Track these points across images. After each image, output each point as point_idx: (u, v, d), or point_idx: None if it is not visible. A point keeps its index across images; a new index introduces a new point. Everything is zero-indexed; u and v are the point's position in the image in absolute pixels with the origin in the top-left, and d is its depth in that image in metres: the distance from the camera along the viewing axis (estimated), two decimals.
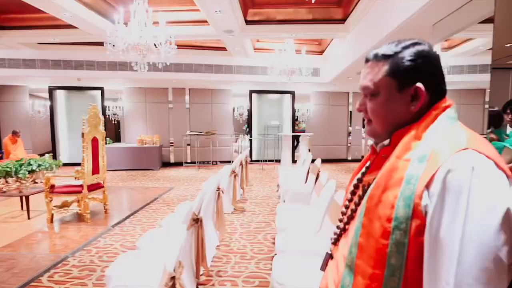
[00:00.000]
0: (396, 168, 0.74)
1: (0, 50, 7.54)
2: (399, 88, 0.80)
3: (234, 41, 6.89)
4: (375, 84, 0.82)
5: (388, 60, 0.81)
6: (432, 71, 0.79)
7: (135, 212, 5.18)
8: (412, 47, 0.80)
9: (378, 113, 0.84)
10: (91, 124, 4.64)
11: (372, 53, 0.85)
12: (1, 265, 3.27)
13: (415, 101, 0.79)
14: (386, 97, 0.81)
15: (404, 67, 0.78)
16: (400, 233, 0.69)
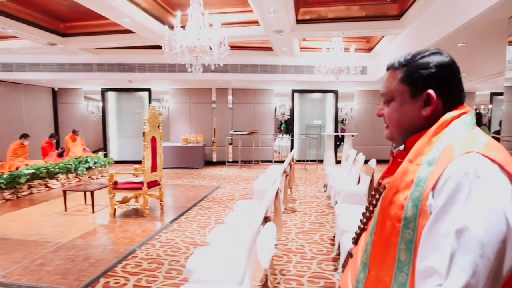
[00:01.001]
0: (408, 171, 0.79)
1: (62, 55, 8.11)
2: (412, 95, 0.85)
3: (282, 41, 6.89)
4: (391, 91, 0.89)
5: (403, 68, 0.86)
6: (447, 79, 0.83)
7: (188, 209, 5.34)
8: (428, 57, 0.84)
9: (393, 118, 0.89)
10: (151, 124, 4.84)
11: (391, 62, 0.91)
12: (78, 254, 3.51)
13: (427, 107, 0.83)
14: (400, 103, 0.87)
15: (417, 74, 0.83)
16: (409, 231, 0.74)
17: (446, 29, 4.14)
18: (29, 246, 3.74)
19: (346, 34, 6.34)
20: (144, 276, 3.03)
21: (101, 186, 5.31)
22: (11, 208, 5.44)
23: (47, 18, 6.33)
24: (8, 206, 5.57)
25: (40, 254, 3.51)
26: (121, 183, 4.87)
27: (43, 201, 5.89)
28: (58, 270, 3.15)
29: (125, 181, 4.93)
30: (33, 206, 5.55)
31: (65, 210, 5.16)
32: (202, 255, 2.43)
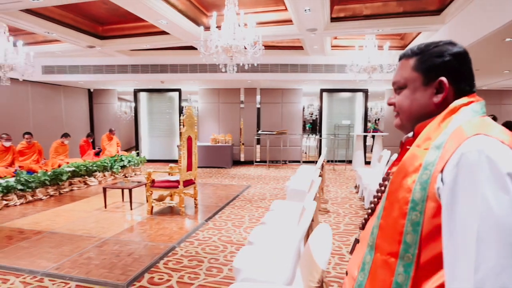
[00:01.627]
0: (416, 156, 0.80)
1: (99, 58, 8.44)
2: (425, 82, 0.87)
3: (314, 40, 6.82)
4: (403, 78, 0.91)
5: (417, 56, 0.88)
6: (460, 68, 0.85)
7: (222, 208, 5.40)
8: (442, 46, 0.86)
9: (404, 105, 0.91)
10: (187, 124, 4.94)
11: (404, 51, 0.93)
12: (121, 250, 3.63)
13: (439, 94, 0.85)
14: (412, 90, 0.89)
15: (431, 62, 0.86)
16: (416, 213, 0.75)
17: (493, 24, 3.94)
18: (75, 241, 3.91)
19: (382, 32, 6.18)
20: (186, 273, 3.09)
21: (139, 184, 5.47)
22: (55, 204, 5.71)
23: (88, 22, 6.59)
24: (52, 202, 5.86)
25: (87, 249, 3.66)
26: (158, 182, 4.99)
27: (83, 198, 6.15)
28: (105, 264, 3.27)
29: (161, 180, 5.05)
30: (74, 202, 5.80)
31: (104, 207, 5.36)
32: (248, 254, 2.45)
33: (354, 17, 5.84)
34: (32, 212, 5.17)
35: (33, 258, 3.43)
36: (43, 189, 6.07)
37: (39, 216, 4.97)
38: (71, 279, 2.97)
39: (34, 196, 5.92)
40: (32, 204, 5.73)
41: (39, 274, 3.07)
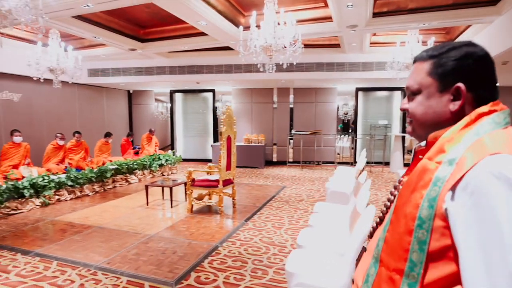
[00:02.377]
0: (427, 170, 0.74)
1: (138, 60, 8.76)
2: (440, 88, 0.80)
3: (353, 37, 6.65)
4: (417, 83, 0.84)
5: (432, 60, 0.81)
6: (479, 73, 0.77)
7: (260, 208, 5.40)
8: (459, 48, 0.79)
9: (417, 112, 0.84)
10: (227, 123, 4.98)
11: (419, 54, 0.86)
12: (166, 247, 3.73)
13: (456, 101, 0.78)
14: (426, 96, 0.82)
15: (447, 66, 0.79)
16: (422, 232, 0.71)
17: None
18: (123, 236, 4.07)
19: (428, 26, 5.89)
20: (231, 274, 3.11)
21: (179, 183, 5.60)
22: (100, 200, 5.99)
23: (130, 26, 6.85)
24: (97, 198, 6.15)
25: (134, 245, 3.80)
26: (198, 181, 5.08)
27: (126, 195, 6.40)
28: (152, 261, 3.37)
29: (201, 179, 5.13)
30: (118, 199, 6.04)
31: (146, 204, 5.54)
32: (299, 258, 2.41)
33: (398, 11, 5.62)
34: (80, 207, 5.45)
35: (86, 251, 3.60)
36: (89, 185, 6.39)
37: (87, 211, 5.23)
38: (122, 274, 3.09)
39: (82, 192, 6.24)
40: (80, 199, 6.05)
41: (92, 267, 3.22)
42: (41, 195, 5.47)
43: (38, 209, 5.37)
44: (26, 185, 5.25)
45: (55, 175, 5.89)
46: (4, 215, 4.93)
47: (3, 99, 7.32)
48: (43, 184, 5.50)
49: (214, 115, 11.17)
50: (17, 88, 7.60)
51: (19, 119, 7.60)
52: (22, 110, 7.71)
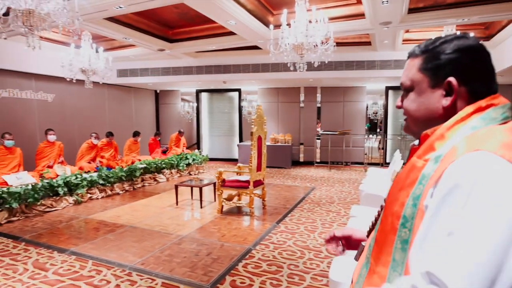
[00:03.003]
0: (414, 168, 0.74)
1: (166, 60, 8.84)
2: (432, 83, 0.78)
3: (386, 34, 6.38)
4: (409, 80, 0.82)
5: (423, 55, 0.79)
6: (472, 66, 0.74)
7: (290, 210, 5.27)
8: (450, 41, 0.76)
9: (410, 109, 0.82)
10: (258, 123, 4.88)
11: (412, 49, 0.84)
12: (199, 249, 3.68)
13: (448, 97, 0.75)
14: (418, 93, 0.80)
15: (437, 61, 0.76)
16: (405, 231, 0.70)
17: None
18: (155, 236, 4.06)
19: (467, 21, 5.55)
20: (267, 279, 3.01)
21: (208, 183, 5.57)
22: (130, 199, 6.06)
23: (159, 26, 6.90)
24: (127, 196, 6.23)
25: (167, 245, 3.77)
26: (228, 181, 5.02)
27: (155, 194, 6.44)
28: (186, 263, 3.33)
29: (231, 179, 5.07)
30: (147, 198, 6.09)
31: (176, 204, 5.54)
32: (343, 265, 2.27)
33: (435, 6, 5.33)
34: (112, 206, 5.53)
35: (120, 251, 3.61)
36: (120, 184, 6.49)
37: (119, 210, 5.29)
38: (156, 276, 3.05)
39: (113, 191, 6.34)
40: (111, 198, 6.15)
41: (127, 268, 3.21)
42: (74, 193, 5.60)
43: (72, 207, 5.49)
44: (61, 183, 5.38)
45: (87, 174, 6.02)
46: (40, 212, 5.06)
47: (38, 99, 7.58)
48: (76, 183, 5.62)
49: (240, 115, 11.12)
50: (51, 89, 7.85)
51: (53, 118, 7.85)
52: (55, 110, 7.96)
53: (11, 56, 6.81)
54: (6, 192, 4.63)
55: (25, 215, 4.87)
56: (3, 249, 3.69)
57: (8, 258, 3.44)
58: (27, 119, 7.35)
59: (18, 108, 7.15)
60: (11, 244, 3.83)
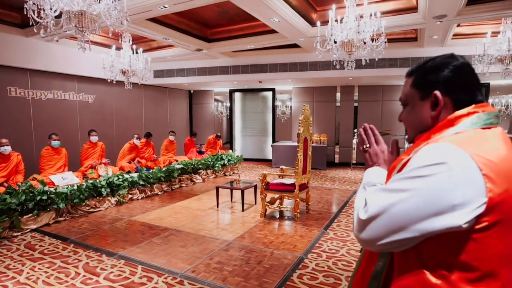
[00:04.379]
0: (395, 166, 0.89)
1: (201, 60, 8.79)
2: (421, 97, 0.92)
3: (437, 28, 5.95)
4: (404, 95, 0.97)
5: (415, 74, 0.95)
6: (455, 80, 0.87)
7: (336, 215, 5.01)
8: (435, 61, 0.91)
9: (407, 120, 0.98)
10: (305, 125, 4.67)
11: (408, 70, 0.98)
12: (249, 256, 3.51)
13: (435, 107, 0.89)
14: (412, 106, 0.95)
15: (425, 77, 0.91)
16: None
17: None
18: (201, 241, 3.95)
19: None
20: None
21: (250, 185, 5.41)
22: (170, 200, 6.02)
23: (198, 26, 6.83)
24: (166, 198, 6.20)
25: (214, 252, 3.64)
26: (272, 184, 4.83)
27: (193, 195, 6.37)
28: (238, 272, 3.17)
29: (275, 182, 4.88)
30: (187, 200, 6.02)
31: (217, 206, 5.43)
32: None
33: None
34: (153, 207, 5.50)
35: (169, 256, 3.51)
36: (158, 185, 6.48)
37: (161, 212, 5.25)
38: (209, 286, 2.91)
39: (152, 191, 6.34)
40: (150, 199, 6.14)
41: (178, 275, 3.10)
42: (116, 194, 5.62)
43: (114, 207, 5.52)
44: (104, 184, 5.41)
45: (128, 174, 6.04)
46: (85, 213, 5.11)
47: (80, 101, 7.75)
48: (118, 183, 5.64)
49: (274, 115, 10.92)
50: (91, 90, 8.01)
51: (93, 119, 8.01)
52: (95, 111, 8.12)
53: (56, 59, 6.99)
54: (54, 193, 4.69)
55: (71, 216, 4.92)
56: (53, 251, 3.70)
57: (59, 261, 3.43)
58: (69, 120, 7.54)
59: (61, 109, 7.34)
60: (60, 246, 3.85)
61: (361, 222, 0.81)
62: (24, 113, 6.67)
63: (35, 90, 6.83)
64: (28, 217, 4.39)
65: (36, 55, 6.62)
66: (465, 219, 0.70)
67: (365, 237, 0.80)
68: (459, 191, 0.71)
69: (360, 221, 0.81)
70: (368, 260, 0.95)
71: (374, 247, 0.80)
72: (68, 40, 7.02)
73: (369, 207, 0.80)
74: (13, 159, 5.00)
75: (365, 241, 0.81)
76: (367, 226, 0.79)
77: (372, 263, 0.93)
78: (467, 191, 0.70)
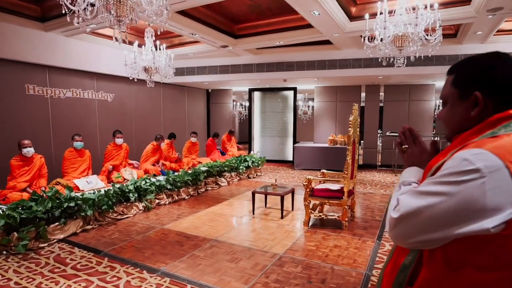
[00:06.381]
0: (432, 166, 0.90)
1: (222, 58, 8.40)
2: (461, 96, 0.91)
3: (485, 23, 5.55)
4: (445, 94, 0.98)
5: (455, 72, 0.94)
6: (497, 81, 0.85)
7: (383, 223, 4.62)
8: (479, 59, 0.89)
9: (445, 119, 0.98)
10: (354, 126, 4.28)
11: (449, 68, 0.99)
12: (309, 273, 3.13)
13: (475, 107, 0.88)
14: (451, 105, 0.95)
15: (465, 77, 0.90)
16: None
17: None
18: (249, 254, 3.57)
19: None
20: None
21: (288, 190, 5.03)
22: (198, 205, 5.64)
23: (226, 21, 6.46)
24: (194, 202, 5.82)
25: (268, 267, 3.26)
26: (317, 190, 4.46)
27: (222, 199, 6.00)
28: None
29: (321, 188, 4.50)
30: (218, 205, 5.64)
31: (252, 213, 5.06)
32: None
33: None
34: (183, 214, 5.12)
35: (218, 273, 3.14)
36: (185, 188, 6.11)
37: (193, 219, 4.87)
38: None
39: (179, 196, 5.98)
40: (177, 204, 5.77)
41: None
42: (143, 199, 5.26)
43: (142, 213, 5.16)
44: (131, 188, 5.05)
45: (154, 178, 5.68)
46: (113, 220, 4.75)
47: (99, 99, 7.40)
48: (145, 188, 5.28)
49: (295, 114, 10.52)
50: (110, 88, 7.66)
51: (112, 118, 7.66)
52: (114, 110, 7.77)
53: (75, 55, 6.64)
54: (81, 199, 4.33)
55: (98, 223, 4.56)
56: (87, 266, 3.34)
57: (96, 278, 3.06)
58: (88, 119, 7.18)
59: (80, 108, 6.99)
60: (93, 260, 3.48)
61: (392, 221, 0.84)
62: (42, 112, 6.32)
63: (53, 88, 6.48)
64: (54, 226, 4.03)
65: (55, 50, 6.27)
66: (494, 224, 0.71)
67: (395, 235, 0.85)
68: (490, 198, 0.72)
69: (391, 219, 0.85)
70: (398, 254, 0.99)
71: (404, 244, 0.86)
72: (87, 36, 6.67)
73: (400, 207, 0.84)
74: (36, 162, 4.65)
75: (396, 238, 0.86)
76: (398, 225, 0.83)
77: (401, 257, 0.97)
78: (498, 198, 0.71)
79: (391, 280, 0.98)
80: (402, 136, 1.11)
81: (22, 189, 4.42)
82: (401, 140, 1.11)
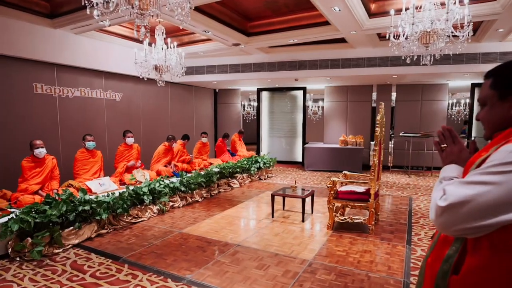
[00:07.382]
0: (474, 161, 0.97)
1: (234, 56, 8.21)
2: (500, 98, 0.99)
3: (509, 20, 5.39)
4: (483, 96, 1.05)
5: (493, 76, 1.03)
6: None
7: (409, 227, 4.45)
8: None
9: (485, 119, 1.05)
10: (381, 125, 4.11)
11: (486, 72, 1.07)
12: (344, 281, 2.95)
13: None
14: (490, 106, 1.03)
15: (504, 79, 0.99)
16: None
17: None
18: (277, 261, 3.39)
19: None
20: None
21: (309, 193, 4.86)
22: (213, 208, 5.46)
23: (239, 18, 6.29)
24: (209, 205, 5.64)
25: (300, 275, 3.08)
26: (342, 193, 4.29)
27: (237, 202, 5.82)
28: None
29: (345, 190, 4.33)
30: (234, 208, 5.46)
31: (272, 216, 4.88)
32: None
33: None
34: (200, 217, 4.94)
35: (249, 281, 2.96)
36: (198, 190, 5.93)
37: (211, 222, 4.69)
38: None
39: (192, 198, 5.79)
40: (191, 206, 5.59)
41: None
42: (157, 202, 5.08)
43: (156, 217, 4.97)
44: (145, 191, 4.87)
45: (168, 180, 5.50)
46: (127, 223, 4.56)
47: (107, 99, 7.21)
48: (160, 190, 5.10)
49: (304, 115, 10.34)
50: (119, 88, 7.47)
51: (120, 119, 7.47)
52: (122, 110, 7.58)
53: (84, 53, 6.45)
54: (95, 202, 4.14)
55: (113, 227, 4.37)
56: (107, 273, 3.15)
57: (118, 287, 2.88)
58: (96, 119, 6.99)
59: (88, 107, 6.79)
60: (113, 267, 3.29)
61: (439, 209, 0.88)
62: (50, 112, 6.12)
63: (61, 87, 6.28)
64: (69, 231, 3.84)
65: (64, 48, 6.08)
66: None
67: (442, 222, 0.88)
68: None
69: (438, 208, 0.88)
70: (441, 245, 1.02)
71: (449, 231, 0.89)
72: (97, 33, 6.48)
73: (448, 196, 0.87)
74: (48, 163, 4.46)
75: (443, 225, 0.89)
76: (445, 213, 0.87)
77: (446, 248, 0.99)
78: None
79: (435, 270, 1.00)
80: (442, 136, 1.15)
81: (34, 191, 4.23)
82: (440, 140, 1.16)
